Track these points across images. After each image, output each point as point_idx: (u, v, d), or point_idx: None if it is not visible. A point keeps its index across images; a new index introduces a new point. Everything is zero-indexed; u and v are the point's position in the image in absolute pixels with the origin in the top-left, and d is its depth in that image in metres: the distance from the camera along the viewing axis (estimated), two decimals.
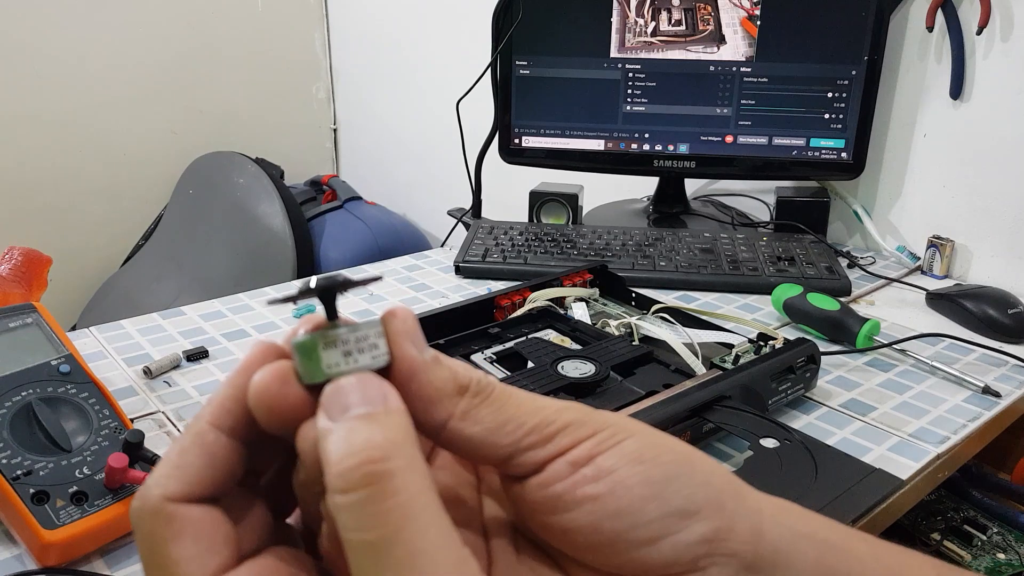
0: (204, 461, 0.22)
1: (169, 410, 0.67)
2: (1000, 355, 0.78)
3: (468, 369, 0.24)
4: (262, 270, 1.65)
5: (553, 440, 0.23)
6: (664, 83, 1.06)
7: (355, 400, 0.21)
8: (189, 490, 0.22)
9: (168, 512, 0.22)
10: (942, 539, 0.78)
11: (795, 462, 0.56)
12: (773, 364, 0.65)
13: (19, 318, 0.57)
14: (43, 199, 1.82)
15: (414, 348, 0.23)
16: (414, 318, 0.24)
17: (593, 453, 0.23)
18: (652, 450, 0.24)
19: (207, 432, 0.23)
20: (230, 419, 0.23)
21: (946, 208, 1.03)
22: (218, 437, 0.23)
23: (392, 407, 0.21)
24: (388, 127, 1.98)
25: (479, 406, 0.24)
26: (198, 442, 0.23)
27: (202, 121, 1.99)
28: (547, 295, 0.80)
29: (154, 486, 0.22)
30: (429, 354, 0.24)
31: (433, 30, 1.75)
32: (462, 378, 0.24)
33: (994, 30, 0.94)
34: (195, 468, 0.22)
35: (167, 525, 0.21)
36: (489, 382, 0.24)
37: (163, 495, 0.22)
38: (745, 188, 1.24)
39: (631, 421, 0.25)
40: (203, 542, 0.22)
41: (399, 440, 0.20)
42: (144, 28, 1.86)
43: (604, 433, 0.24)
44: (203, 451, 0.22)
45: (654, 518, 0.23)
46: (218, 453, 0.23)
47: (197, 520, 0.22)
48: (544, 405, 0.24)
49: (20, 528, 0.48)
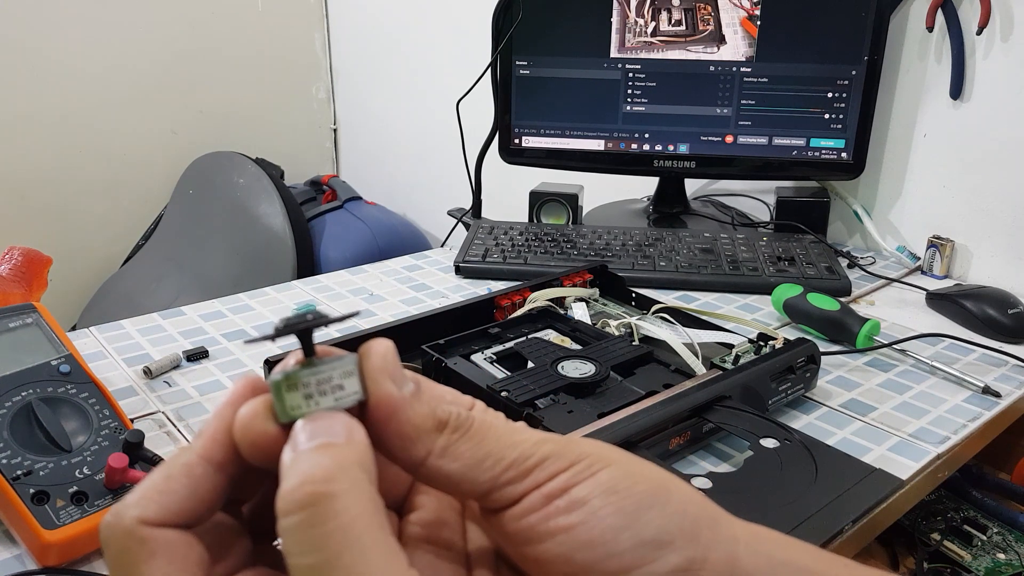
0: (188, 492, 0.23)
1: (169, 410, 0.67)
2: (1000, 355, 0.78)
3: (447, 402, 0.24)
4: (262, 270, 1.65)
5: (531, 475, 0.23)
6: (664, 83, 1.06)
7: (318, 431, 0.21)
8: (167, 517, 0.22)
9: (142, 533, 0.22)
10: (942, 539, 0.78)
11: (795, 462, 0.56)
12: (773, 364, 0.65)
13: (19, 318, 0.57)
14: (43, 199, 1.82)
15: (392, 385, 0.23)
16: (392, 352, 0.24)
17: (568, 485, 0.23)
18: (626, 480, 0.24)
19: (196, 464, 0.23)
20: (220, 452, 0.23)
21: (946, 208, 1.03)
22: (206, 470, 0.23)
23: (353, 439, 0.22)
24: (388, 127, 1.98)
25: (458, 442, 0.24)
26: (186, 472, 0.23)
27: (202, 121, 1.99)
28: (547, 295, 0.80)
29: (132, 506, 0.22)
30: (408, 388, 0.24)
31: (433, 30, 1.75)
32: (441, 413, 0.24)
33: (994, 30, 0.94)
34: (178, 497, 0.22)
35: (141, 546, 0.21)
36: (468, 416, 0.24)
37: (139, 517, 0.22)
38: (745, 188, 1.24)
39: (610, 450, 0.25)
40: (176, 563, 0.22)
41: (346, 464, 0.20)
42: (144, 28, 1.86)
43: (580, 465, 0.24)
44: (189, 481, 0.23)
45: (627, 548, 0.23)
46: (203, 486, 0.23)
47: (171, 542, 0.22)
48: (523, 439, 0.24)
49: (20, 528, 0.48)
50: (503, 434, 0.24)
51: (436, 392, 0.26)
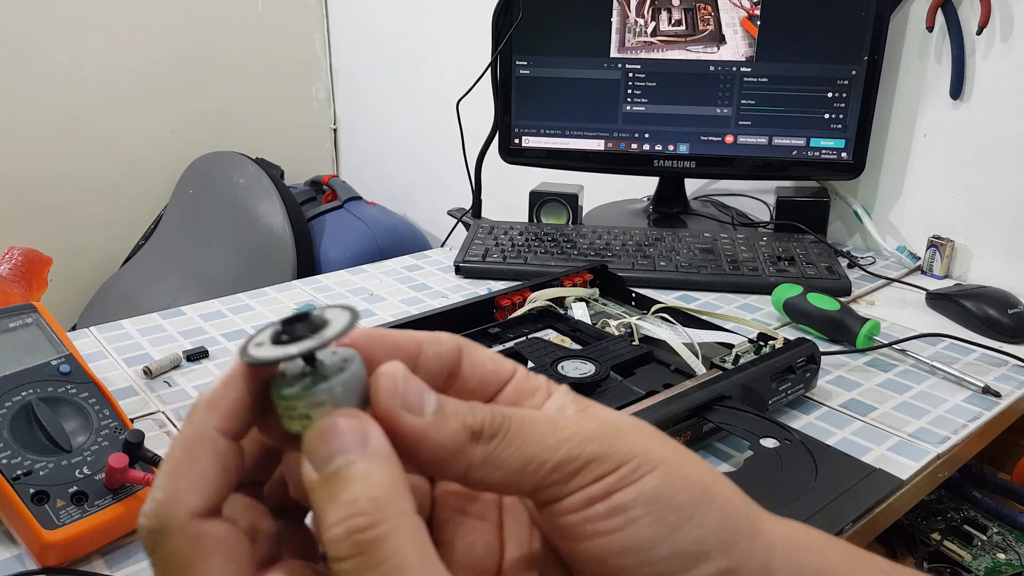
0: (218, 468, 0.22)
1: (169, 410, 0.67)
2: (1000, 355, 0.78)
3: (476, 408, 0.23)
4: (262, 270, 1.65)
5: (575, 478, 0.23)
6: (664, 83, 1.06)
7: (335, 447, 0.21)
8: (208, 501, 0.21)
9: (195, 531, 0.21)
10: (942, 539, 0.78)
11: (795, 462, 0.56)
12: (773, 364, 0.65)
13: (19, 318, 0.57)
14: (43, 199, 1.82)
15: (409, 416, 0.22)
16: (401, 375, 0.23)
17: (610, 490, 0.23)
18: (670, 487, 0.23)
19: (215, 438, 0.22)
20: (234, 421, 0.22)
21: (946, 208, 1.03)
22: (228, 443, 0.22)
23: (374, 449, 0.21)
24: (388, 127, 1.98)
25: (497, 449, 0.23)
26: (208, 448, 0.22)
27: (202, 121, 1.99)
28: (547, 295, 0.80)
29: (174, 502, 0.21)
30: (430, 407, 0.22)
31: (433, 30, 1.75)
32: (474, 423, 0.23)
33: (994, 30, 0.94)
34: (210, 477, 0.21)
35: (195, 545, 0.21)
36: (505, 417, 0.23)
37: (188, 512, 0.21)
38: (745, 188, 1.24)
39: (660, 447, 0.24)
40: (232, 562, 0.21)
41: (384, 498, 0.20)
42: (144, 28, 1.86)
43: (625, 469, 0.23)
44: (215, 458, 0.22)
45: (662, 557, 0.23)
46: (229, 458, 0.22)
47: (224, 537, 0.21)
48: (567, 437, 0.23)
49: (20, 528, 0.48)
50: (545, 433, 0.23)
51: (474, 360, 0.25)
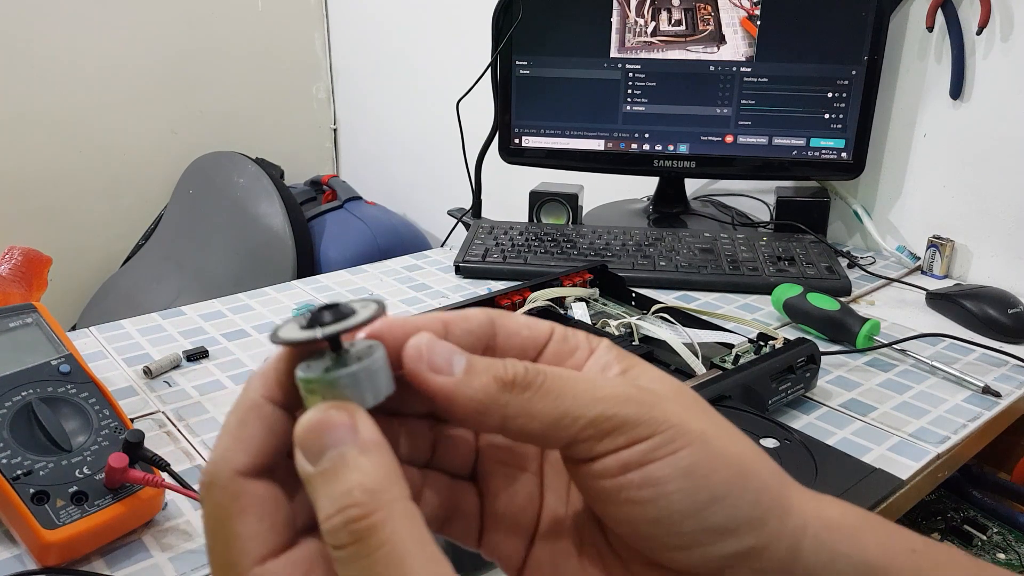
0: (264, 432, 0.23)
1: (169, 410, 0.67)
2: (1000, 355, 0.78)
3: (510, 361, 0.23)
4: (262, 270, 1.65)
5: (609, 437, 0.23)
6: (664, 83, 1.06)
7: (326, 440, 0.21)
8: (254, 461, 0.22)
9: (237, 487, 0.22)
10: (942, 539, 0.78)
11: (795, 462, 0.56)
12: (773, 364, 0.65)
13: (19, 318, 0.57)
14: (43, 199, 1.81)
15: (436, 377, 0.23)
16: (427, 342, 0.23)
17: (645, 459, 0.23)
18: (706, 465, 0.23)
19: (263, 404, 0.23)
20: (280, 392, 0.23)
21: (946, 208, 1.03)
22: (273, 409, 0.23)
23: (364, 439, 0.21)
24: (388, 127, 1.98)
25: (531, 400, 0.23)
26: (256, 414, 0.23)
27: (202, 121, 1.99)
28: (547, 295, 0.80)
29: (222, 460, 0.22)
30: (459, 366, 0.23)
31: (433, 30, 1.75)
32: (505, 375, 0.23)
33: (994, 30, 0.94)
34: (257, 439, 0.23)
35: (234, 501, 0.22)
36: (539, 371, 0.23)
37: (233, 469, 0.22)
38: (745, 188, 1.24)
39: (698, 419, 0.24)
40: (266, 520, 0.22)
41: (377, 487, 0.21)
42: (144, 28, 1.86)
43: (662, 437, 0.23)
44: (262, 422, 0.23)
45: (691, 531, 0.23)
46: (276, 423, 0.23)
47: (262, 498, 0.22)
48: (604, 395, 0.23)
49: (20, 528, 0.48)
50: (583, 389, 0.23)
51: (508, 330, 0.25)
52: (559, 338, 0.26)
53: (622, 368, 0.26)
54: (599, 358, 0.26)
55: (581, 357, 0.26)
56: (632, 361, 0.26)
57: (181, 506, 0.55)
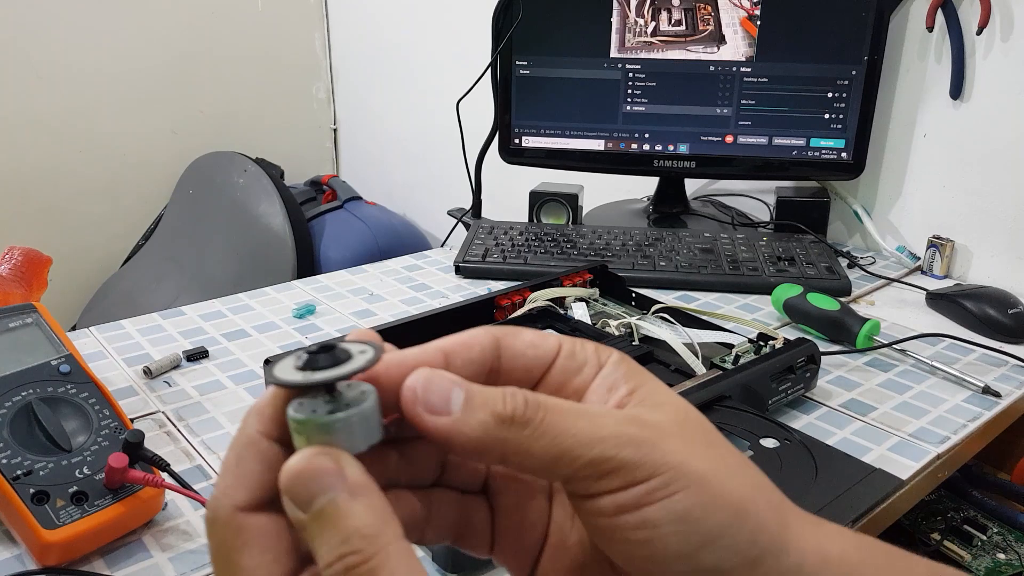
0: (261, 467, 0.23)
1: (169, 410, 0.67)
2: (1000, 355, 0.78)
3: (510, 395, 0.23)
4: (262, 270, 1.65)
5: (606, 478, 0.23)
6: (664, 83, 1.06)
7: (314, 487, 0.22)
8: (253, 496, 0.23)
9: (238, 523, 0.23)
10: (942, 539, 0.78)
11: (795, 462, 0.56)
12: (773, 364, 0.65)
13: (19, 318, 0.57)
14: (43, 199, 1.82)
15: (432, 418, 0.23)
16: (423, 381, 0.23)
17: (641, 502, 0.23)
18: (702, 508, 0.23)
19: (259, 440, 0.23)
20: (275, 428, 0.24)
21: (946, 208, 1.03)
22: (269, 445, 0.23)
23: (352, 483, 0.22)
24: (388, 127, 1.98)
25: (530, 438, 0.23)
26: (253, 450, 0.23)
27: (202, 121, 1.99)
28: (547, 295, 0.80)
29: (223, 497, 0.23)
30: (456, 402, 0.23)
31: (433, 30, 1.75)
32: (503, 411, 0.23)
33: (994, 30, 0.94)
34: (255, 474, 0.23)
35: (237, 535, 0.23)
36: (539, 405, 0.23)
37: (233, 505, 0.23)
38: (745, 188, 1.24)
39: (699, 460, 0.24)
40: (270, 552, 0.23)
41: (372, 531, 0.21)
42: (144, 28, 1.86)
43: (658, 480, 0.23)
44: (259, 458, 0.23)
45: (683, 571, 0.23)
46: (272, 459, 0.23)
47: (263, 531, 0.23)
48: (604, 436, 0.23)
49: (20, 528, 0.48)
50: (582, 428, 0.23)
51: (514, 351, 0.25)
52: (567, 354, 0.26)
53: (629, 389, 0.26)
54: (606, 377, 0.26)
55: (589, 374, 0.26)
56: (640, 380, 0.26)
57: (181, 506, 0.55)
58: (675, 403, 0.26)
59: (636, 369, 0.27)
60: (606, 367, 0.26)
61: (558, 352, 0.26)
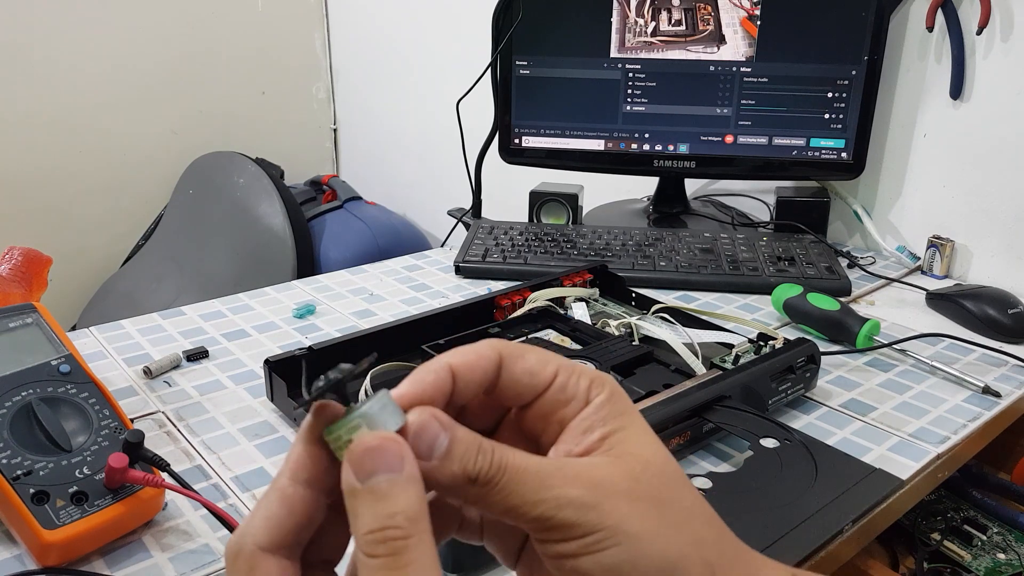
0: (284, 512, 0.26)
1: (169, 410, 0.67)
2: (1000, 355, 0.78)
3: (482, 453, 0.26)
4: (262, 270, 1.65)
5: (547, 532, 0.26)
6: (664, 83, 1.06)
7: (379, 464, 0.25)
8: (272, 539, 0.26)
9: (255, 562, 0.26)
10: (942, 539, 0.78)
11: (795, 462, 0.56)
12: (773, 364, 0.65)
13: (19, 318, 0.57)
14: (43, 199, 1.82)
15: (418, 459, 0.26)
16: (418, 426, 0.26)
17: (576, 553, 0.26)
18: (630, 565, 0.26)
19: (287, 486, 0.26)
20: (304, 472, 0.26)
21: (946, 208, 1.03)
22: (296, 489, 0.26)
23: (408, 473, 0.25)
24: (388, 127, 1.98)
25: (487, 495, 0.26)
26: (280, 496, 0.26)
27: (202, 121, 1.99)
28: (547, 295, 0.80)
29: (247, 535, 0.26)
30: (440, 448, 0.26)
31: (433, 30, 1.75)
32: (471, 471, 0.26)
33: (994, 30, 0.94)
34: (278, 519, 0.26)
35: (249, 572, 0.26)
36: (500, 467, 0.26)
37: (256, 544, 0.26)
38: (745, 188, 1.24)
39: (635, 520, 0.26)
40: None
41: (412, 514, 0.24)
42: (144, 28, 1.86)
43: (592, 538, 0.26)
44: (284, 503, 0.26)
45: None
46: (296, 505, 0.26)
47: (274, 573, 0.26)
48: (545, 497, 0.26)
49: (20, 528, 0.48)
50: (533, 487, 0.26)
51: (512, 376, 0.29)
52: (558, 387, 0.29)
53: (602, 434, 0.28)
54: (585, 418, 0.28)
55: (573, 410, 0.29)
56: (617, 424, 0.28)
57: (181, 506, 0.55)
58: (640, 453, 0.28)
59: (619, 410, 0.29)
60: (589, 407, 0.29)
61: (551, 383, 0.29)
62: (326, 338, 0.77)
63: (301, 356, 0.66)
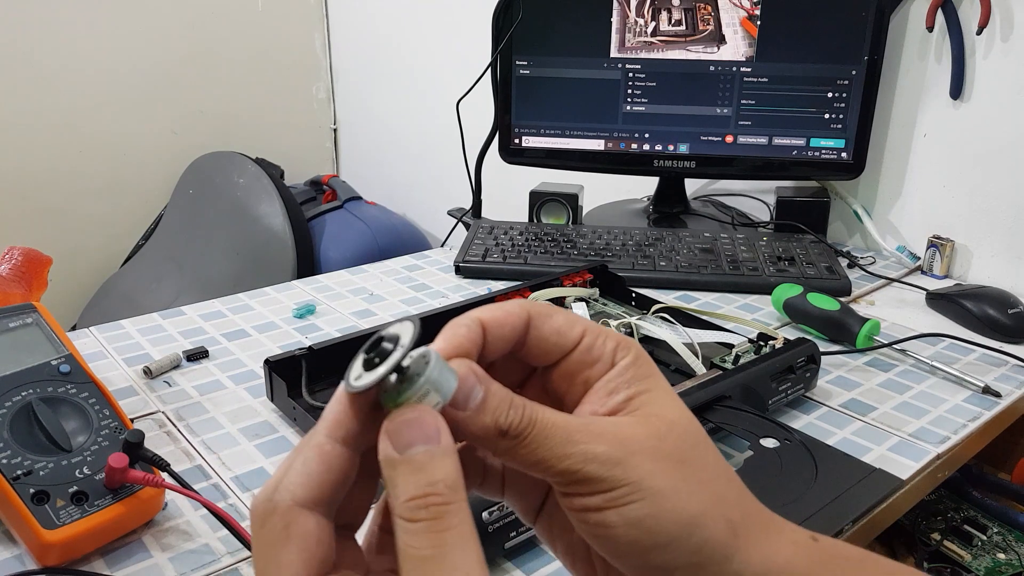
0: (323, 468, 0.26)
1: (169, 410, 0.67)
2: (1000, 355, 0.78)
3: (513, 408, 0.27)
4: (262, 270, 1.65)
5: (573, 485, 0.27)
6: (664, 83, 1.06)
7: (416, 436, 0.25)
8: (310, 495, 0.26)
9: (290, 518, 0.25)
10: (942, 539, 0.78)
11: (795, 462, 0.56)
12: (773, 364, 0.65)
13: (19, 318, 0.57)
14: (43, 199, 1.82)
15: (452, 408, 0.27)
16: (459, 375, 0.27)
17: (601, 507, 0.27)
18: (653, 519, 0.27)
19: (325, 443, 0.26)
20: (342, 431, 0.26)
21: (946, 208, 1.03)
22: (334, 447, 0.26)
23: (445, 445, 0.25)
24: (388, 127, 1.98)
25: (516, 447, 0.27)
26: (318, 452, 0.26)
27: (202, 121, 1.99)
28: (547, 295, 0.80)
29: (284, 491, 0.26)
30: (475, 399, 0.27)
31: (433, 30, 1.75)
32: (503, 423, 0.27)
33: (994, 30, 0.94)
34: (317, 475, 0.26)
35: (285, 529, 0.25)
36: (530, 421, 0.27)
37: (292, 499, 0.26)
38: (745, 188, 1.24)
39: (657, 478, 0.27)
40: (307, 552, 0.25)
41: (452, 482, 0.25)
42: (145, 28, 1.86)
43: (617, 492, 0.26)
44: (322, 460, 0.26)
45: (634, 565, 0.27)
46: (334, 463, 0.26)
47: (309, 531, 0.25)
48: (572, 452, 0.27)
49: (20, 528, 0.48)
50: (560, 442, 0.27)
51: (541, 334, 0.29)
52: (584, 348, 0.29)
53: (627, 396, 0.28)
54: (611, 380, 0.29)
55: (599, 371, 0.29)
56: (643, 386, 0.29)
57: (181, 506, 0.55)
58: (665, 415, 0.28)
59: (644, 373, 0.29)
60: (615, 369, 0.29)
61: (579, 343, 0.29)
62: (326, 338, 0.77)
63: (301, 356, 0.66)
